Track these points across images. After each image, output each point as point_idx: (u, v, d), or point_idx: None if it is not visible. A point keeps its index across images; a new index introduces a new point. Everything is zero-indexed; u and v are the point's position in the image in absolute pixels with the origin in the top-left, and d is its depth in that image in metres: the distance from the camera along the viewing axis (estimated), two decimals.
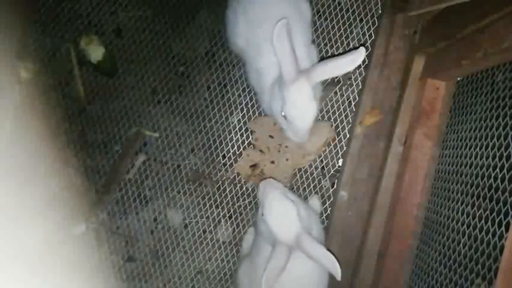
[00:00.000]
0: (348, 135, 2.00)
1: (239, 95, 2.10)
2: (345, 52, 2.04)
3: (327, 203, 2.00)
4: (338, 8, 2.06)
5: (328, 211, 1.99)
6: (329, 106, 2.04)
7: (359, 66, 2.02)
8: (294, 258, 1.42)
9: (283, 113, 1.57)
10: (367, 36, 2.03)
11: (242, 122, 2.09)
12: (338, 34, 2.05)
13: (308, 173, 2.03)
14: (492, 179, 1.31)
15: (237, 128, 2.09)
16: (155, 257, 2.08)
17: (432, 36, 1.73)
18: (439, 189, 1.65)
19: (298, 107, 1.53)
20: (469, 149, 1.49)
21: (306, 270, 1.54)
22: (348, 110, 2.02)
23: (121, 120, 2.15)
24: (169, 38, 2.16)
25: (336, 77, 2.04)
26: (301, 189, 2.03)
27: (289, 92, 1.51)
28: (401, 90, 1.86)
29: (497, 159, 1.31)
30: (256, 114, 2.08)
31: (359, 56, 1.44)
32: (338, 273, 1.39)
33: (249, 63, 1.78)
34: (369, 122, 1.91)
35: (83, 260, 2.06)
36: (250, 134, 2.07)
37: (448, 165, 1.62)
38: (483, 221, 1.30)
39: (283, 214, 1.45)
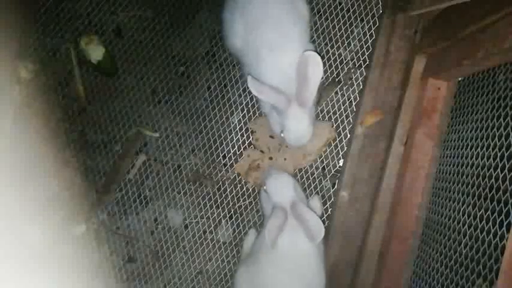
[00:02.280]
0: (348, 136, 2.00)
1: (239, 95, 2.10)
2: (345, 52, 2.04)
3: (328, 203, 2.00)
4: (339, 8, 2.06)
5: (329, 211, 1.98)
6: (330, 106, 2.03)
7: (360, 66, 2.02)
8: (291, 244, 1.61)
9: (282, 135, 1.71)
10: (367, 36, 2.03)
11: (242, 122, 2.08)
12: (339, 34, 2.04)
13: (309, 173, 2.03)
14: (493, 180, 1.30)
15: (237, 128, 2.08)
16: (155, 258, 2.08)
17: (433, 36, 1.72)
18: (440, 190, 1.65)
19: (295, 132, 1.68)
20: (470, 149, 1.49)
21: (302, 260, 1.65)
22: (348, 110, 2.02)
23: (121, 120, 2.15)
24: (169, 38, 2.16)
25: (337, 77, 2.04)
26: (301, 189, 2.02)
27: (287, 119, 1.65)
28: (402, 90, 1.86)
29: (498, 159, 1.30)
30: (257, 114, 2.08)
31: (311, 56, 1.55)
32: (319, 237, 1.55)
33: (248, 66, 1.78)
34: (370, 122, 1.90)
35: (83, 261, 2.06)
36: (250, 134, 2.06)
37: (449, 165, 1.61)
38: (484, 222, 1.29)
39: (281, 183, 1.69)
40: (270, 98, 1.60)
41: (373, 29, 2.02)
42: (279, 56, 1.64)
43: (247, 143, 2.07)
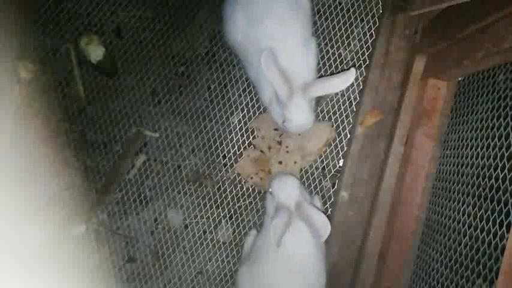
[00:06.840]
0: (348, 136, 2.00)
1: (239, 95, 2.10)
2: (345, 52, 2.04)
3: (328, 203, 2.00)
4: (339, 8, 2.06)
5: (329, 211, 1.98)
6: (330, 106, 2.03)
7: (360, 66, 2.02)
8: (293, 243, 1.60)
9: (284, 123, 1.71)
10: (367, 36, 2.03)
11: (242, 122, 2.08)
12: (339, 34, 2.04)
13: (309, 173, 2.03)
14: (493, 180, 1.31)
15: (237, 128, 2.08)
16: (155, 258, 2.08)
17: (433, 36, 1.72)
18: (439, 190, 1.65)
19: (296, 122, 1.68)
20: (470, 149, 1.49)
21: (303, 256, 1.65)
22: (348, 110, 2.02)
23: (121, 120, 2.15)
24: (169, 38, 2.16)
25: None
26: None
27: (288, 110, 1.64)
28: (402, 90, 1.86)
29: (498, 159, 1.31)
30: (257, 114, 2.08)
31: (350, 75, 1.58)
32: (326, 235, 1.54)
33: (247, 59, 1.78)
34: (370, 122, 1.91)
35: (83, 261, 2.06)
36: (250, 134, 2.06)
37: (449, 165, 1.61)
38: (484, 222, 1.29)
39: (286, 184, 1.67)
40: (275, 80, 1.59)
41: (373, 29, 2.02)
42: (280, 49, 1.64)
43: (247, 143, 2.07)
